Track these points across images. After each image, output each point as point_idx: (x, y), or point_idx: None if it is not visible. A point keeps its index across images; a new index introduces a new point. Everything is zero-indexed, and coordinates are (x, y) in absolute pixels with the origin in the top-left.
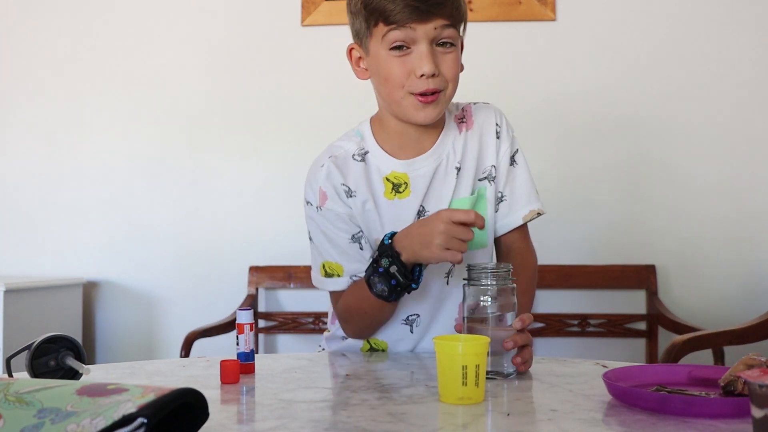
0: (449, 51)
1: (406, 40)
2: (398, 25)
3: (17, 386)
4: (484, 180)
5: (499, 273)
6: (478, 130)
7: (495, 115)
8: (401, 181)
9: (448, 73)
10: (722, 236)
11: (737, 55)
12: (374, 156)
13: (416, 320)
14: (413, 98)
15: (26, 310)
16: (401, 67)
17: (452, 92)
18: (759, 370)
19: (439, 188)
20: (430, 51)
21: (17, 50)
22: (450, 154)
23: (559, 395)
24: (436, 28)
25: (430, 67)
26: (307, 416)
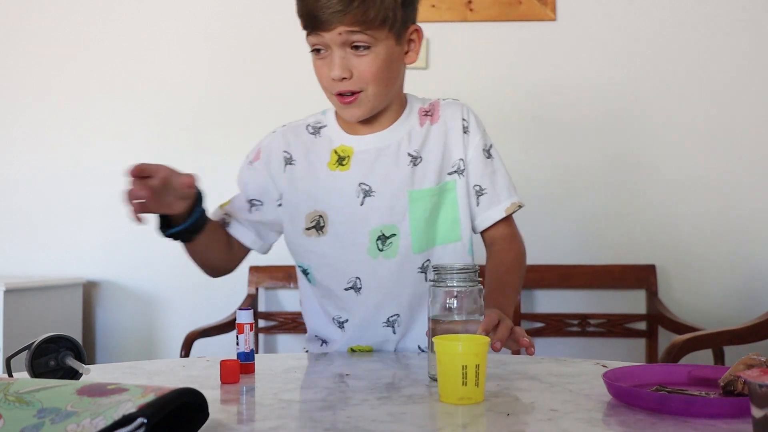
0: (363, 54)
1: (322, 44)
2: (309, 31)
3: (17, 386)
4: (454, 174)
5: (465, 274)
6: (443, 124)
7: (462, 111)
8: (346, 154)
9: (363, 74)
10: (722, 236)
11: (739, 55)
12: (330, 129)
13: (397, 320)
14: (336, 98)
15: (26, 310)
16: (322, 69)
17: (376, 91)
18: (759, 370)
19: (385, 169)
20: (341, 55)
21: (17, 50)
22: (403, 141)
23: (559, 395)
24: (341, 34)
25: (337, 71)
26: (307, 416)
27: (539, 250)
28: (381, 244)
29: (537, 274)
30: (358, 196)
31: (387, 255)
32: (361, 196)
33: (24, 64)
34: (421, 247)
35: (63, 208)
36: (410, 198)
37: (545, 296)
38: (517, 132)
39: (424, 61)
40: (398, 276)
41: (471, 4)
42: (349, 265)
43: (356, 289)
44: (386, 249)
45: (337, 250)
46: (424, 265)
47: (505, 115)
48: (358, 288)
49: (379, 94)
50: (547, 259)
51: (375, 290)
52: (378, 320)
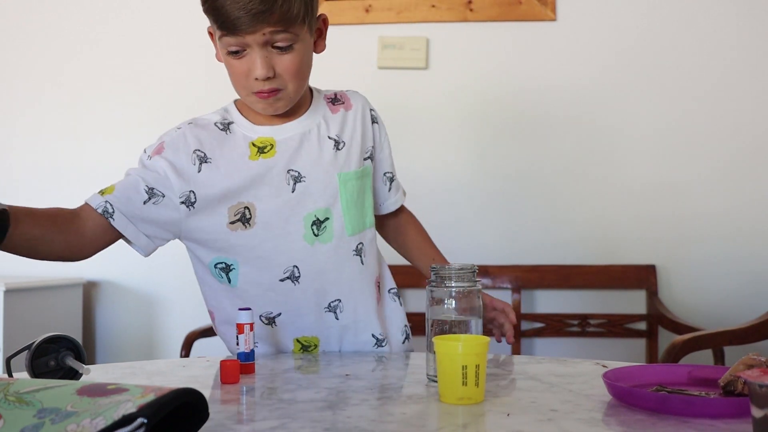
0: (286, 52)
1: (240, 45)
2: (229, 33)
3: (17, 386)
4: (368, 159)
5: (464, 274)
6: (358, 112)
7: (368, 103)
8: (267, 143)
9: (285, 73)
10: (722, 236)
11: (742, 54)
12: (239, 126)
13: (338, 305)
14: (254, 96)
15: (26, 310)
16: (240, 68)
17: (296, 87)
18: (759, 370)
19: (311, 153)
20: (263, 55)
21: (18, 51)
22: (321, 125)
23: (559, 395)
24: (265, 34)
25: (262, 71)
26: (307, 416)
27: (539, 250)
28: (316, 229)
29: (537, 274)
30: (289, 183)
31: (323, 239)
32: (291, 183)
33: (23, 64)
34: (354, 229)
35: None
36: (339, 180)
37: (545, 296)
38: (517, 131)
39: (423, 61)
40: (336, 259)
41: (471, 4)
42: (285, 254)
43: (294, 278)
44: (321, 233)
45: (270, 240)
46: (358, 248)
47: (505, 115)
48: (296, 277)
49: (299, 89)
50: (547, 259)
51: (314, 277)
52: (320, 307)
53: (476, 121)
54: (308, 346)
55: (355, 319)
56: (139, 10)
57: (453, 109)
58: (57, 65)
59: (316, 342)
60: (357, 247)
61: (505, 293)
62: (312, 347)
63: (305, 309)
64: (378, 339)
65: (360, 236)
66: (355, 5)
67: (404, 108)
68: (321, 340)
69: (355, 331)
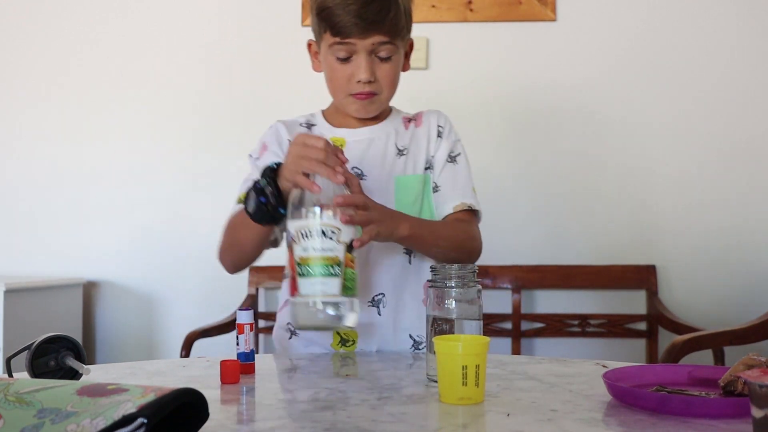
0: (387, 61)
1: (349, 51)
2: (341, 38)
3: (17, 386)
4: (428, 169)
5: (463, 274)
6: (426, 128)
7: (439, 118)
8: (339, 143)
9: (384, 80)
10: (722, 236)
11: (739, 55)
12: (320, 127)
13: (382, 300)
14: (351, 97)
15: (26, 310)
16: (343, 73)
17: (388, 95)
18: (759, 370)
19: (376, 157)
20: (368, 61)
21: (18, 52)
22: (390, 134)
23: (559, 395)
24: (374, 44)
25: (366, 75)
26: (307, 416)
27: (539, 250)
28: None
29: (537, 274)
30: None
31: None
32: None
33: (26, 64)
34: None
35: (63, 209)
36: (396, 183)
37: (545, 296)
38: (517, 132)
39: (424, 61)
40: (385, 255)
41: (471, 4)
42: None
43: None
44: None
45: None
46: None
47: (505, 115)
48: None
49: (390, 96)
50: (547, 259)
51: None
52: (363, 300)
53: (476, 121)
54: (347, 341)
55: (396, 317)
56: (140, 11)
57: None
58: (57, 66)
59: (355, 337)
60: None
61: (505, 293)
62: (350, 342)
63: None
64: (416, 341)
65: None
66: None
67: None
68: (360, 334)
69: (395, 330)
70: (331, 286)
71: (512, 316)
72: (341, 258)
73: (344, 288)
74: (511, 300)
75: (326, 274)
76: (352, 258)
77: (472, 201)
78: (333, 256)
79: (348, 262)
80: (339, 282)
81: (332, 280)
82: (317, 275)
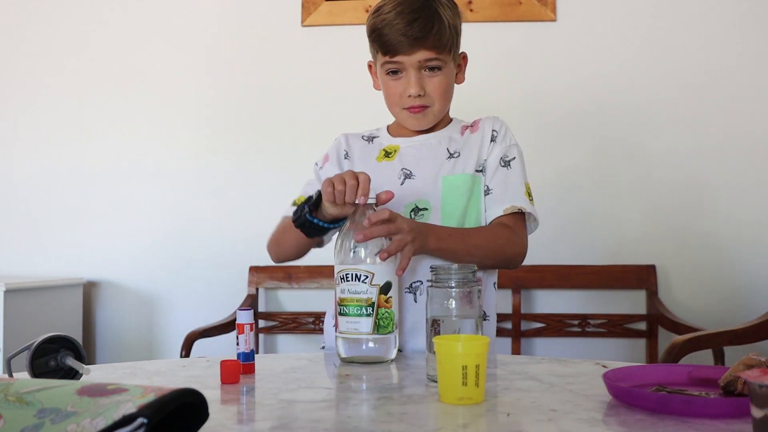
0: (435, 74)
1: (398, 68)
2: (390, 56)
3: (17, 386)
4: (480, 172)
5: (463, 274)
6: (480, 133)
7: (494, 123)
8: (393, 149)
9: (434, 92)
10: (722, 236)
11: (739, 56)
12: (382, 138)
13: (419, 288)
14: (406, 111)
15: (26, 310)
16: (395, 89)
17: (441, 107)
18: (759, 370)
19: (426, 159)
20: (417, 76)
21: (19, 51)
22: (443, 140)
23: (559, 395)
24: (420, 60)
25: (415, 89)
26: (307, 416)
27: (539, 250)
28: (413, 215)
29: (537, 274)
30: (399, 178)
31: None
32: (402, 178)
33: (25, 63)
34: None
35: (63, 208)
36: (444, 182)
37: (545, 296)
38: (517, 132)
39: None
40: None
41: (471, 4)
42: None
43: None
44: (417, 218)
45: None
46: None
47: (504, 115)
48: None
49: (443, 109)
50: (547, 259)
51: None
52: (402, 285)
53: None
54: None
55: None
56: (141, 10)
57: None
58: (58, 66)
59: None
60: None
61: (505, 293)
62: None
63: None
64: None
65: None
66: (355, 5)
67: None
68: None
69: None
70: (364, 325)
71: (512, 316)
72: (374, 299)
73: (377, 327)
74: (511, 300)
75: (360, 314)
76: (386, 299)
77: (523, 204)
78: (366, 298)
79: (382, 303)
80: (371, 322)
81: (365, 320)
82: (352, 315)
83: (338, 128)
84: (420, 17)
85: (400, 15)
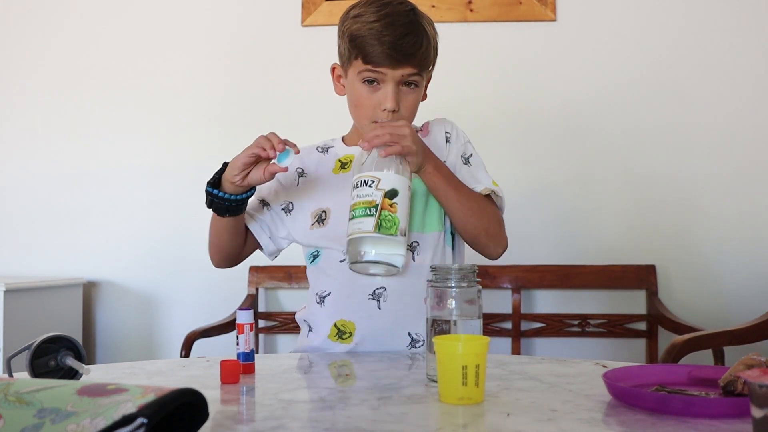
0: (412, 91)
1: (378, 79)
2: (373, 66)
3: (17, 386)
4: None
5: (463, 274)
6: (433, 137)
7: (445, 125)
8: (348, 159)
9: (406, 110)
10: (722, 236)
11: (738, 56)
12: (336, 148)
13: (383, 294)
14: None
15: (26, 310)
16: (369, 100)
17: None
18: (759, 370)
19: None
20: (395, 91)
21: (20, 51)
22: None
23: (559, 395)
24: (404, 75)
25: (392, 104)
26: (307, 416)
27: (539, 250)
28: None
29: (537, 274)
30: None
31: None
32: None
33: (24, 64)
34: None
35: (63, 208)
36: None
37: (545, 296)
38: (516, 132)
39: None
40: None
41: (471, 4)
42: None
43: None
44: None
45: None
46: (412, 245)
47: (504, 115)
48: None
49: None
50: (547, 259)
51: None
52: (365, 292)
53: (475, 122)
54: (344, 333)
55: (396, 314)
56: (143, 9)
57: (452, 109)
58: (58, 66)
59: (353, 329)
60: (411, 245)
61: (505, 293)
62: (347, 335)
63: (350, 290)
64: (413, 338)
65: (416, 235)
66: None
67: None
68: (357, 327)
69: (393, 326)
70: (366, 224)
71: (512, 316)
72: (378, 201)
73: (378, 226)
74: (511, 300)
75: (364, 215)
76: (391, 203)
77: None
78: (371, 200)
79: (386, 206)
80: (374, 221)
81: (368, 220)
82: (357, 216)
83: (338, 128)
84: (410, 33)
85: (389, 27)
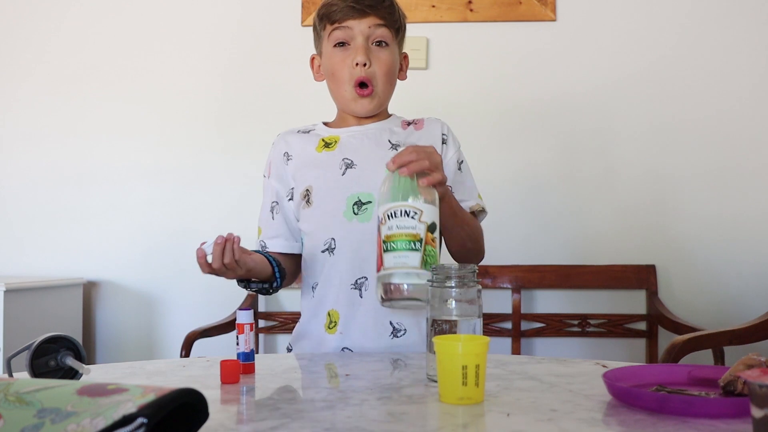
0: (382, 50)
1: (347, 38)
2: (339, 22)
3: (17, 386)
4: None
5: (463, 274)
6: (426, 132)
7: (442, 126)
8: (333, 140)
9: (379, 68)
10: (722, 236)
11: (737, 56)
12: (318, 129)
13: (364, 284)
14: (353, 91)
15: (26, 310)
16: (342, 60)
17: (384, 87)
18: (759, 370)
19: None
20: (364, 44)
21: (19, 50)
22: (384, 131)
23: (559, 395)
24: (370, 27)
25: (362, 56)
26: (307, 416)
27: (539, 250)
28: (357, 209)
29: (537, 274)
30: (341, 168)
31: (361, 219)
32: (343, 168)
33: (24, 63)
34: None
35: (63, 209)
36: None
37: (545, 296)
38: (517, 132)
39: (424, 61)
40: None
41: (471, 4)
42: (327, 227)
43: (330, 250)
44: (361, 213)
45: (319, 216)
46: None
47: (505, 115)
48: (332, 249)
49: (386, 92)
50: (547, 259)
51: (347, 251)
52: (347, 282)
53: (476, 121)
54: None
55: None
56: (142, 9)
57: (452, 109)
58: (58, 66)
59: (337, 319)
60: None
61: (505, 293)
62: (332, 324)
63: (336, 281)
64: (395, 328)
65: None
66: None
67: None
68: (341, 316)
69: (375, 315)
70: (412, 259)
71: (512, 316)
72: (422, 236)
73: (424, 263)
74: (511, 300)
75: (408, 249)
76: (433, 237)
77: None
78: (414, 233)
79: (429, 241)
80: (420, 256)
81: (414, 254)
82: (400, 249)
83: None
84: None
85: None
